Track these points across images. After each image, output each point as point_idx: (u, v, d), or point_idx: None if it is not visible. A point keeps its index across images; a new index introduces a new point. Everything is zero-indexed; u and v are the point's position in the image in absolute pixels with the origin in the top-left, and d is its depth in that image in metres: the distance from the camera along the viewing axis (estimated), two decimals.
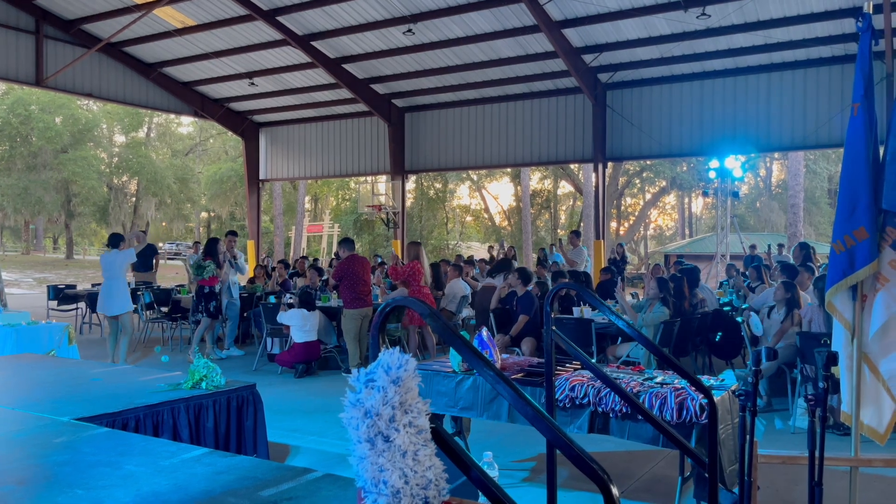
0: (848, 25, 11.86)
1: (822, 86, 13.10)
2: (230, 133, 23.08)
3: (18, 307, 12.27)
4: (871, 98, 3.45)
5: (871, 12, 3.53)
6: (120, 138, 43.66)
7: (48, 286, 13.51)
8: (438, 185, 40.24)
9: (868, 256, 3.37)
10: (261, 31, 14.85)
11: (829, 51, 12.71)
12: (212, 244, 10.02)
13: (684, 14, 11.96)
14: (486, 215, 45.03)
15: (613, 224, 39.48)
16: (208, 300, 9.64)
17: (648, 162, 33.25)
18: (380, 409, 1.51)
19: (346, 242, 9.41)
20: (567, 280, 9.23)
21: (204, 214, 48.07)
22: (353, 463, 1.57)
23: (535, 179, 40.42)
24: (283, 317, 8.84)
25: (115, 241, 9.18)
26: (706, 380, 4.51)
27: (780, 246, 16.41)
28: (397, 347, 1.62)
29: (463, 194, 45.56)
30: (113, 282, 8.81)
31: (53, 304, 12.84)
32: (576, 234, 13.73)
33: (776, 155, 33.45)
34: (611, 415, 4.19)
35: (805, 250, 9.97)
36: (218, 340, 10.42)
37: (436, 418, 1.65)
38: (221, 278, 9.90)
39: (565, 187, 41.84)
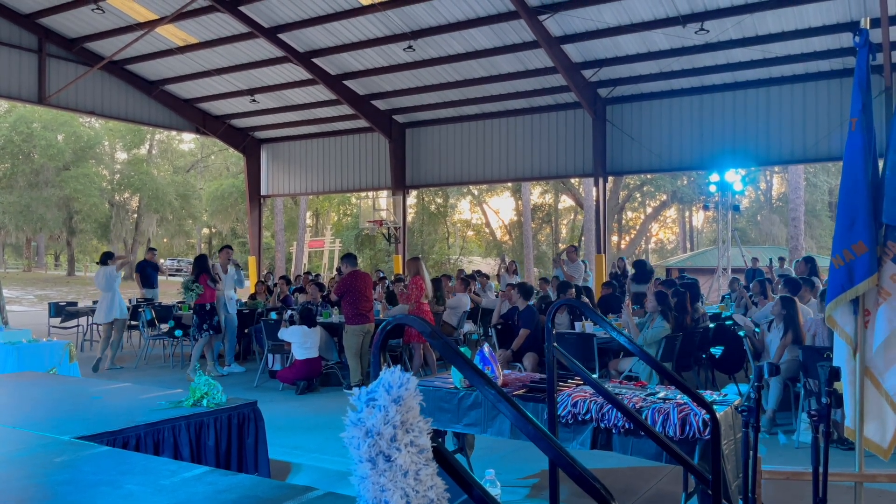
0: (846, 40, 11.92)
1: (820, 99, 13.15)
2: (231, 149, 23.19)
3: (20, 325, 12.25)
4: (870, 113, 3.47)
5: (868, 28, 3.55)
6: (122, 155, 43.85)
7: (49, 303, 13.51)
8: (439, 200, 40.33)
9: (867, 271, 3.37)
10: (262, 48, 14.96)
11: (827, 65, 12.77)
12: (202, 262, 9.86)
13: (683, 29, 12.04)
14: (487, 230, 45.10)
15: (615, 238, 39.50)
16: (210, 317, 9.58)
17: (649, 176, 33.32)
18: (381, 428, 1.50)
19: (348, 258, 9.37)
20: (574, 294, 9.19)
21: (205, 230, 48.19)
22: (354, 482, 1.57)
23: (536, 194, 40.51)
24: (285, 333, 8.82)
25: (105, 258, 10.63)
26: (709, 395, 4.49)
27: (781, 259, 16.38)
28: (398, 366, 1.62)
29: (464, 209, 45.70)
30: (107, 294, 10.29)
31: (55, 321, 12.84)
32: (574, 248, 13.75)
33: (776, 168, 33.51)
34: (613, 431, 4.18)
35: (810, 264, 9.98)
36: (219, 357, 10.40)
37: (438, 435, 1.65)
38: (218, 294, 9.86)
39: (566, 201, 41.93)
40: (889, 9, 10.10)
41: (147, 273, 13.97)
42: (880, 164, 3.51)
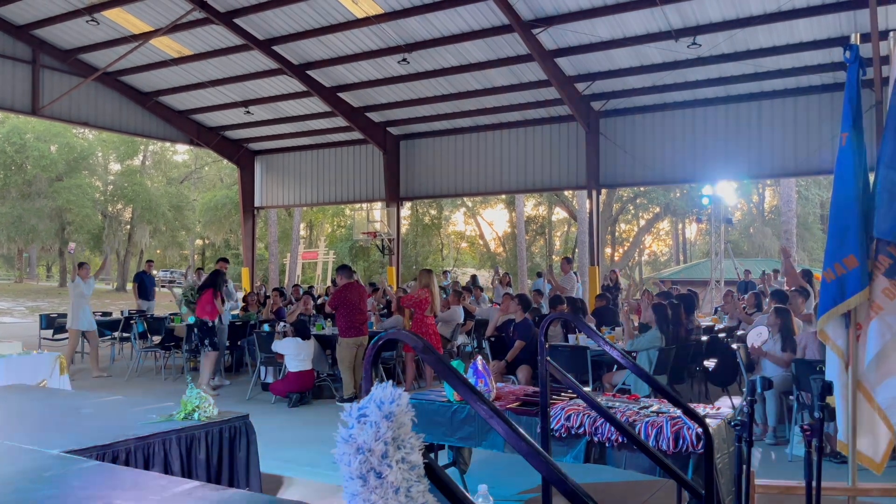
0: (836, 54, 12.02)
1: (812, 113, 13.25)
2: (225, 161, 23.17)
3: (10, 336, 12.16)
4: (860, 128, 3.49)
5: (858, 43, 3.59)
6: (115, 166, 43.72)
7: (40, 315, 13.42)
8: (433, 212, 40.37)
9: (858, 284, 3.38)
10: (257, 60, 14.98)
11: (818, 79, 12.87)
12: (217, 277, 9.69)
13: (675, 43, 12.12)
14: (480, 241, 45.13)
15: (608, 250, 39.54)
16: (212, 334, 9.45)
17: (642, 188, 33.43)
18: (372, 444, 1.49)
19: (343, 269, 9.26)
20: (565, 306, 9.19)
21: (199, 242, 48.05)
22: (345, 499, 1.56)
23: (530, 206, 40.58)
24: (278, 345, 8.78)
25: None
26: (702, 408, 4.49)
27: (775, 271, 16.43)
28: (390, 381, 1.61)
29: (458, 221, 45.74)
30: (84, 301, 10.92)
31: (46, 333, 12.74)
32: (567, 260, 13.75)
33: (768, 181, 33.68)
34: (607, 444, 4.17)
35: (807, 277, 10.02)
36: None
37: (431, 449, 1.63)
38: (220, 311, 9.76)
39: (560, 213, 42.01)
40: (879, 24, 10.20)
41: (145, 285, 14.04)
42: (871, 178, 3.54)
